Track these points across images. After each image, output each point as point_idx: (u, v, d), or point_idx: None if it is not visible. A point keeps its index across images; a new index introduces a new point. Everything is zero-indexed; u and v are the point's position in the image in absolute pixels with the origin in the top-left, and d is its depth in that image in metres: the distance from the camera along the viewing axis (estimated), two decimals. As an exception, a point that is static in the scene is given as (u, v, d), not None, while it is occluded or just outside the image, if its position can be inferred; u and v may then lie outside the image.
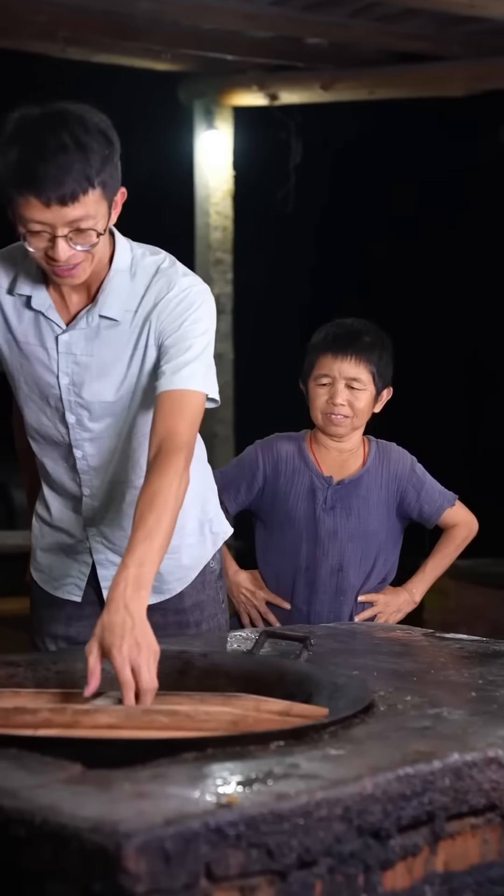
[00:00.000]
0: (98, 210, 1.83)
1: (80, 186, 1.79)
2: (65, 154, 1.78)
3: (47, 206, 1.79)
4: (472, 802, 1.40)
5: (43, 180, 1.77)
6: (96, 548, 2.15)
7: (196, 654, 1.81)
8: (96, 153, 1.80)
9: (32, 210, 1.80)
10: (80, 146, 1.79)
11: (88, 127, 1.82)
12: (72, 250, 1.84)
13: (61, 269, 1.87)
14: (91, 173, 1.79)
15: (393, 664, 1.88)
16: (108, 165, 1.82)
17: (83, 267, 1.89)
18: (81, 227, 1.82)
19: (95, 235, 1.84)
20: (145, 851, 1.15)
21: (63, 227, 1.81)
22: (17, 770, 1.30)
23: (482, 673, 1.82)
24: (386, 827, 1.32)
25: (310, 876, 1.27)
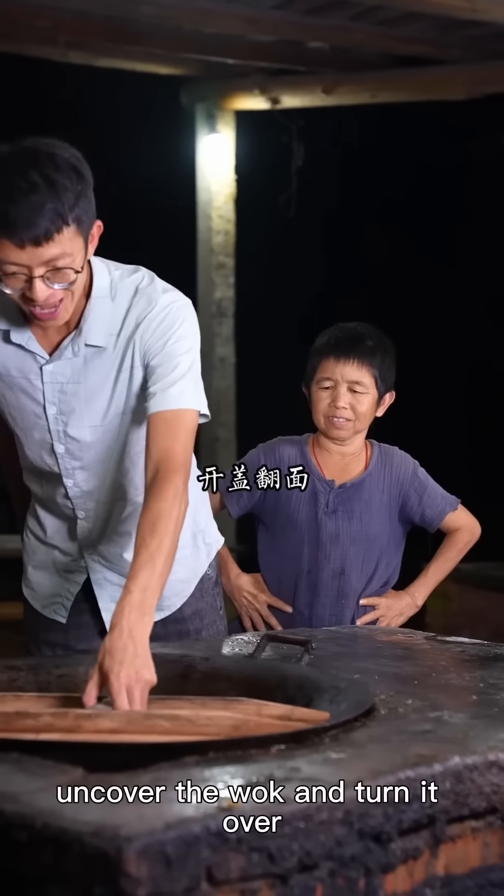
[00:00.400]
0: (74, 247, 1.80)
1: (54, 225, 1.76)
2: (36, 194, 1.75)
3: (21, 247, 1.76)
4: (472, 806, 1.40)
5: (15, 222, 1.75)
6: (93, 567, 2.14)
7: (197, 658, 1.81)
8: (68, 190, 1.78)
9: (7, 252, 1.77)
10: (50, 184, 1.76)
11: (58, 164, 1.79)
12: (49, 290, 1.81)
13: (42, 313, 1.86)
14: (64, 211, 1.77)
15: (394, 668, 1.88)
16: (81, 201, 1.80)
17: (64, 305, 1.87)
18: (58, 265, 1.80)
19: (73, 273, 1.82)
20: (146, 855, 1.15)
21: (39, 268, 1.79)
22: (18, 774, 1.31)
23: (483, 676, 1.82)
24: (387, 830, 1.32)
25: (311, 879, 1.27)
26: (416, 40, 5.57)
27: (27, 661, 1.79)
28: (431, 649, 2.08)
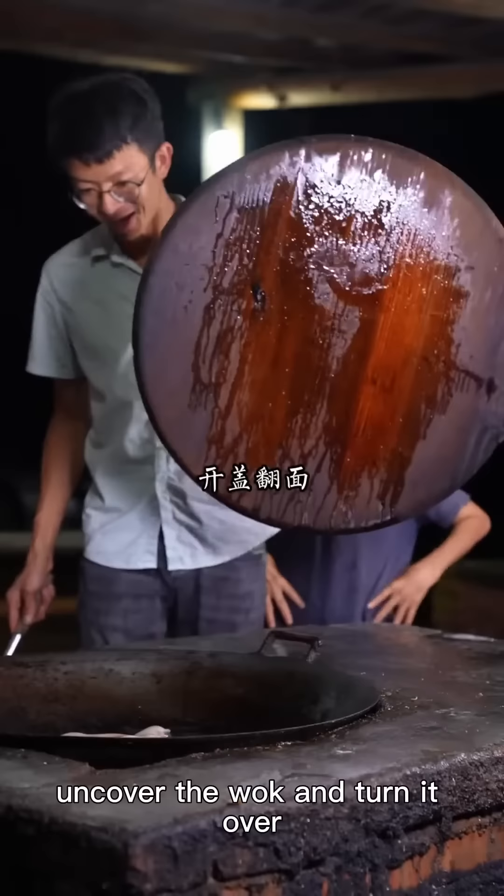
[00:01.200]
0: (136, 163, 2.07)
1: (113, 145, 2.04)
2: (95, 117, 2.04)
3: (87, 165, 2.05)
4: (478, 802, 1.41)
5: (79, 143, 2.05)
6: (165, 507, 2.26)
7: (204, 655, 1.82)
8: (126, 113, 2.05)
9: (77, 171, 2.06)
10: (110, 110, 2.05)
11: (120, 92, 2.08)
12: (117, 203, 2.08)
13: (118, 225, 2.12)
14: (122, 132, 2.05)
15: (401, 664, 1.88)
16: (140, 122, 2.07)
17: (137, 219, 2.12)
18: (122, 179, 2.07)
19: (136, 187, 2.08)
20: (153, 850, 1.15)
21: (106, 183, 2.07)
22: (25, 770, 1.31)
23: (490, 673, 1.82)
24: (393, 826, 1.32)
25: (317, 875, 1.27)
26: (424, 37, 5.56)
27: (35, 658, 1.79)
28: (438, 646, 2.08)
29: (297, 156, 1.84)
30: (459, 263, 1.88)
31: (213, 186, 1.84)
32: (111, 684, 1.75)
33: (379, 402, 1.89)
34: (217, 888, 1.20)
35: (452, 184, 1.89)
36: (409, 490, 1.93)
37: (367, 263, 1.87)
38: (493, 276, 1.89)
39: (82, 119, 2.05)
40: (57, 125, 2.08)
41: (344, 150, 1.84)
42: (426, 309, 1.88)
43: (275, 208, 1.83)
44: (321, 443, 1.89)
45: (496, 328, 1.90)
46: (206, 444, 1.86)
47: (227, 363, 1.84)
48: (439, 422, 1.90)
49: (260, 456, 1.88)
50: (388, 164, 1.86)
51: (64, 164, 2.08)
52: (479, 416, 1.92)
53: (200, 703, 1.73)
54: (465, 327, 1.89)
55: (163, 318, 1.81)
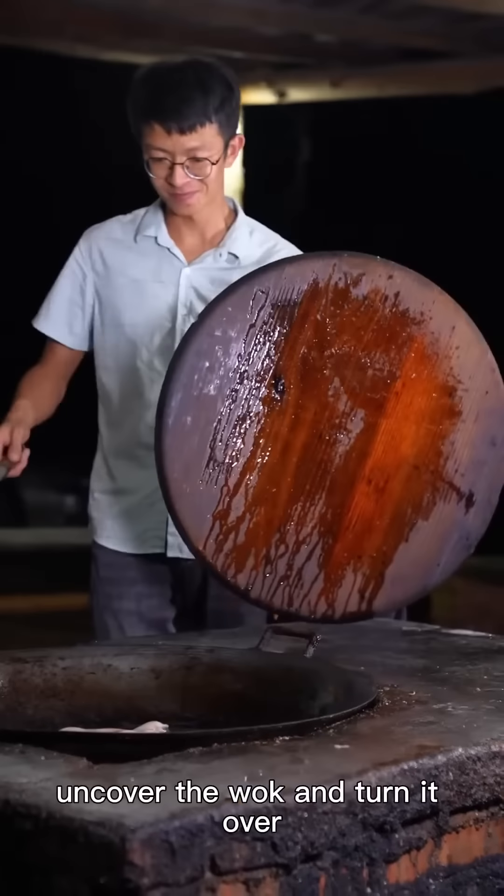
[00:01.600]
0: (213, 144, 2.13)
1: (199, 119, 2.10)
2: (188, 89, 2.10)
3: (169, 133, 2.10)
4: (475, 796, 1.41)
5: (167, 110, 2.10)
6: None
7: (202, 650, 1.82)
8: (216, 93, 2.11)
9: (156, 138, 2.11)
10: (202, 85, 2.11)
11: (212, 72, 2.14)
12: (187, 178, 2.14)
13: (179, 196, 2.16)
14: (209, 110, 2.10)
15: (399, 660, 1.89)
16: (225, 106, 2.13)
17: (198, 197, 2.18)
18: (197, 156, 2.12)
19: (209, 165, 2.14)
20: (150, 845, 1.15)
21: (181, 155, 2.12)
22: (23, 765, 1.32)
23: (487, 669, 1.83)
24: (390, 821, 1.33)
25: (314, 869, 1.28)
26: (424, 33, 5.55)
27: (33, 653, 1.80)
28: (436, 642, 2.08)
29: (331, 267, 2.02)
30: (457, 385, 2.08)
31: (253, 281, 2.01)
32: (109, 680, 1.75)
33: (371, 500, 2.05)
34: (214, 882, 1.20)
35: (458, 313, 2.10)
36: (388, 587, 2.07)
37: (377, 371, 2.05)
38: (484, 399, 2.09)
39: (173, 87, 2.10)
40: (145, 90, 2.13)
41: (371, 269, 2.04)
42: (423, 421, 2.07)
43: (304, 310, 2.01)
44: (316, 532, 2.04)
45: (481, 448, 2.09)
46: (211, 520, 1.98)
47: (242, 445, 1.99)
48: (422, 526, 2.08)
49: (259, 537, 2.01)
50: (406, 287, 2.05)
51: (143, 129, 2.12)
52: (457, 525, 2.09)
53: (199, 699, 1.73)
54: (455, 442, 2.08)
55: (189, 394, 1.92)
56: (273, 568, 2.01)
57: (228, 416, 1.97)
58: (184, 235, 2.26)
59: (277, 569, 2.01)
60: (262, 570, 2.00)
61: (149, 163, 2.15)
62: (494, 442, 2.09)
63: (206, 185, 2.17)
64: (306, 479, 2.02)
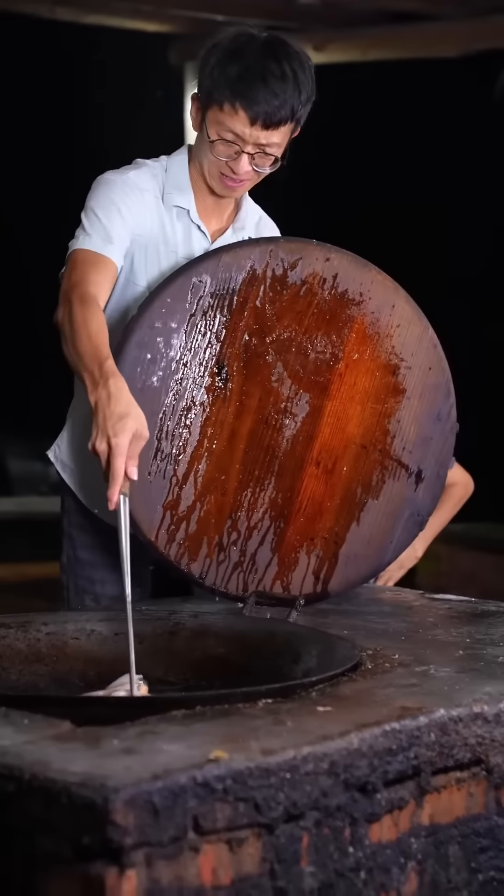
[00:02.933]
0: (284, 140, 2.04)
1: (285, 118, 2.00)
2: (284, 83, 1.99)
3: (252, 124, 1.99)
4: (457, 757, 1.42)
5: (260, 100, 1.98)
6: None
7: (186, 615, 1.82)
8: (305, 91, 2.02)
9: (236, 122, 2.00)
10: (296, 80, 2.00)
11: (304, 66, 2.02)
12: (249, 168, 2.04)
13: (232, 183, 2.07)
14: (297, 108, 2.01)
15: (382, 624, 1.89)
16: (308, 104, 2.04)
17: (246, 185, 2.10)
18: (268, 150, 2.03)
19: (275, 161, 2.05)
20: (133, 805, 1.16)
21: (253, 146, 2.02)
22: (6, 727, 1.32)
23: (470, 632, 1.84)
24: (372, 781, 1.34)
25: (297, 829, 1.29)
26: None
27: (16, 619, 1.80)
28: (420, 606, 2.09)
29: (267, 254, 2.03)
30: (399, 363, 2.09)
31: (191, 271, 2.00)
32: (93, 645, 1.76)
33: (321, 482, 2.07)
34: (197, 842, 1.21)
35: (397, 292, 2.10)
36: (342, 568, 2.08)
37: (319, 354, 2.05)
38: (427, 375, 2.10)
39: (269, 79, 1.97)
40: (234, 69, 1.98)
41: (307, 253, 2.05)
42: (367, 401, 2.08)
43: (243, 297, 2.02)
44: (267, 517, 2.05)
45: (427, 424, 2.11)
46: (161, 511, 2.01)
47: (189, 435, 2.01)
48: (373, 506, 2.09)
49: (211, 525, 2.03)
50: (343, 269, 2.06)
51: (222, 106, 1.98)
52: (407, 503, 2.10)
53: (183, 663, 1.74)
54: (401, 420, 2.09)
55: (133, 387, 1.87)
56: (226, 555, 2.02)
57: (174, 407, 1.99)
58: (210, 211, 2.16)
59: (231, 555, 2.02)
60: (216, 558, 2.02)
61: (212, 140, 2.01)
62: (440, 417, 2.11)
63: (260, 177, 2.07)
64: (255, 465, 2.03)
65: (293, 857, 1.28)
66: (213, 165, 2.06)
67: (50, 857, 1.19)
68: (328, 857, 1.32)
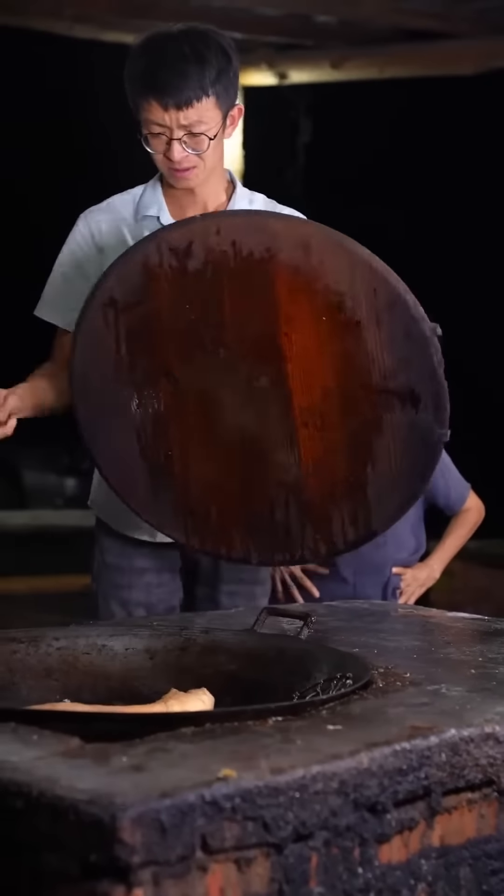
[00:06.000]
0: (211, 117, 2.08)
1: (195, 94, 2.05)
2: (184, 63, 2.05)
3: (165, 109, 2.06)
4: (468, 778, 1.41)
5: (163, 86, 2.05)
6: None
7: (197, 631, 1.82)
8: (213, 65, 2.06)
9: (153, 113, 2.07)
10: (198, 57, 2.06)
11: (209, 42, 2.09)
12: (185, 152, 2.09)
13: (178, 171, 2.12)
14: (206, 82, 2.06)
15: (393, 642, 1.88)
16: (223, 78, 2.08)
17: (196, 172, 2.13)
18: (194, 131, 2.08)
19: (207, 140, 2.09)
20: (141, 823, 1.15)
21: (178, 130, 2.08)
22: (15, 743, 1.31)
23: (482, 651, 1.82)
24: (382, 801, 1.33)
25: (306, 849, 1.28)
26: (424, 14, 5.51)
27: (28, 633, 1.79)
28: (432, 624, 2.08)
29: (155, 250, 2.00)
30: (340, 298, 1.98)
31: (95, 301, 2.02)
32: (104, 660, 1.75)
33: (317, 441, 2.03)
34: (205, 861, 1.21)
35: (305, 227, 2.02)
36: (376, 507, 2.05)
37: (255, 323, 2.00)
38: (376, 298, 1.98)
39: (169, 61, 2.06)
40: (141, 63, 2.08)
41: (195, 232, 2.00)
42: (326, 347, 1.99)
43: (154, 301, 2.00)
44: (281, 493, 2.04)
45: (399, 345, 1.99)
46: (182, 515, 2.05)
47: (170, 443, 2.04)
48: (380, 442, 2.03)
49: (232, 516, 2.05)
50: (237, 233, 1.98)
51: (140, 104, 2.09)
52: (413, 427, 2.01)
53: (193, 679, 1.73)
54: (369, 352, 1.99)
55: (104, 427, 1.98)
56: (259, 533, 2.02)
57: (145, 424, 2.02)
58: (186, 212, 2.21)
59: (263, 533, 2.03)
60: (251, 540, 2.02)
61: (147, 138, 2.11)
62: (409, 334, 1.97)
63: (204, 159, 2.12)
64: (246, 451, 2.02)
65: (302, 878, 1.27)
66: (159, 162, 2.14)
67: (57, 874, 1.18)
68: (337, 878, 1.31)
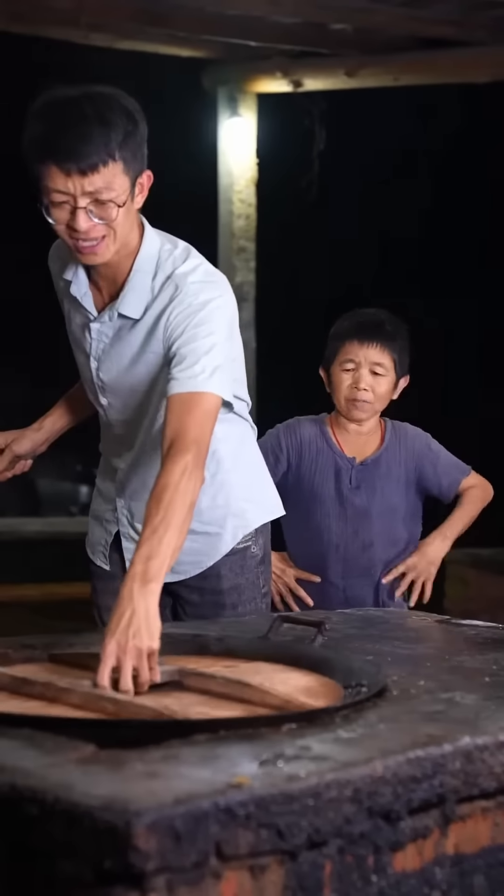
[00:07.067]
0: (118, 184, 1.89)
1: (100, 158, 1.86)
2: (86, 125, 1.86)
3: (68, 175, 1.86)
4: (483, 786, 1.40)
5: (64, 150, 1.85)
6: (122, 520, 2.26)
7: (211, 639, 1.82)
8: (118, 127, 1.87)
9: (54, 180, 1.87)
10: (101, 120, 1.86)
11: (112, 105, 1.89)
12: (91, 222, 1.90)
13: (84, 245, 1.93)
14: (111, 146, 1.86)
15: (407, 649, 1.88)
16: (130, 142, 1.89)
17: (106, 244, 1.94)
18: (101, 198, 1.88)
19: (115, 209, 1.90)
20: (155, 830, 1.16)
21: (83, 198, 1.88)
22: (30, 749, 1.32)
23: (497, 659, 1.82)
24: (396, 809, 1.32)
25: (319, 856, 1.27)
26: (440, 22, 5.52)
27: (42, 640, 1.80)
28: (445, 632, 2.08)
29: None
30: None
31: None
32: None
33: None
34: (220, 868, 1.21)
35: None
36: None
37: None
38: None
39: (71, 124, 1.85)
40: (39, 126, 1.88)
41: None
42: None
43: None
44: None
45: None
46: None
47: None
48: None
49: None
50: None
51: (39, 170, 1.88)
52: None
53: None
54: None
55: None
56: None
57: None
58: (100, 280, 2.06)
59: None
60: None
61: (48, 207, 1.89)
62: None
63: (114, 229, 1.91)
64: None
65: (316, 885, 1.27)
66: (62, 234, 1.93)
67: (71, 880, 1.19)
68: (351, 886, 1.30)
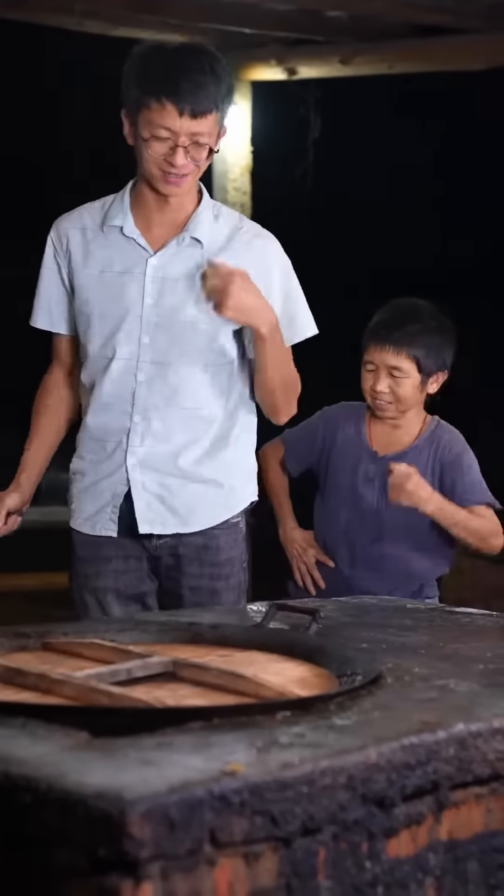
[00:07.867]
0: (214, 131, 2.18)
1: (210, 106, 2.15)
2: (203, 75, 2.14)
3: (181, 115, 2.13)
4: (476, 772, 1.41)
5: (183, 92, 2.12)
6: (133, 477, 2.29)
7: (205, 626, 1.82)
8: (225, 83, 2.18)
9: (165, 117, 2.14)
10: (214, 73, 2.16)
11: (220, 62, 2.19)
12: (185, 160, 2.16)
13: (173, 178, 2.19)
14: (219, 98, 2.16)
15: (402, 637, 1.88)
16: (229, 97, 2.20)
17: (188, 180, 2.21)
18: (200, 141, 2.16)
19: (208, 152, 2.18)
20: (149, 818, 1.16)
21: (185, 138, 2.15)
22: (24, 738, 1.32)
23: (491, 646, 1.82)
24: (390, 795, 1.33)
25: (314, 843, 1.28)
26: (435, 9, 5.49)
27: (37, 629, 1.80)
28: (440, 620, 2.08)
29: None
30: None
31: None
32: (113, 655, 1.75)
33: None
34: (214, 855, 1.21)
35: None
36: None
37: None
38: None
39: (192, 70, 2.13)
40: (155, 68, 2.14)
41: None
42: None
43: None
44: None
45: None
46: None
47: None
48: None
49: None
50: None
51: (150, 105, 2.13)
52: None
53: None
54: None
55: None
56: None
57: None
58: (151, 224, 2.27)
59: None
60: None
61: (147, 140, 2.16)
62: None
63: (200, 169, 2.20)
64: None
65: (310, 872, 1.28)
66: (153, 165, 2.18)
67: (66, 868, 1.19)
68: (345, 872, 1.31)
